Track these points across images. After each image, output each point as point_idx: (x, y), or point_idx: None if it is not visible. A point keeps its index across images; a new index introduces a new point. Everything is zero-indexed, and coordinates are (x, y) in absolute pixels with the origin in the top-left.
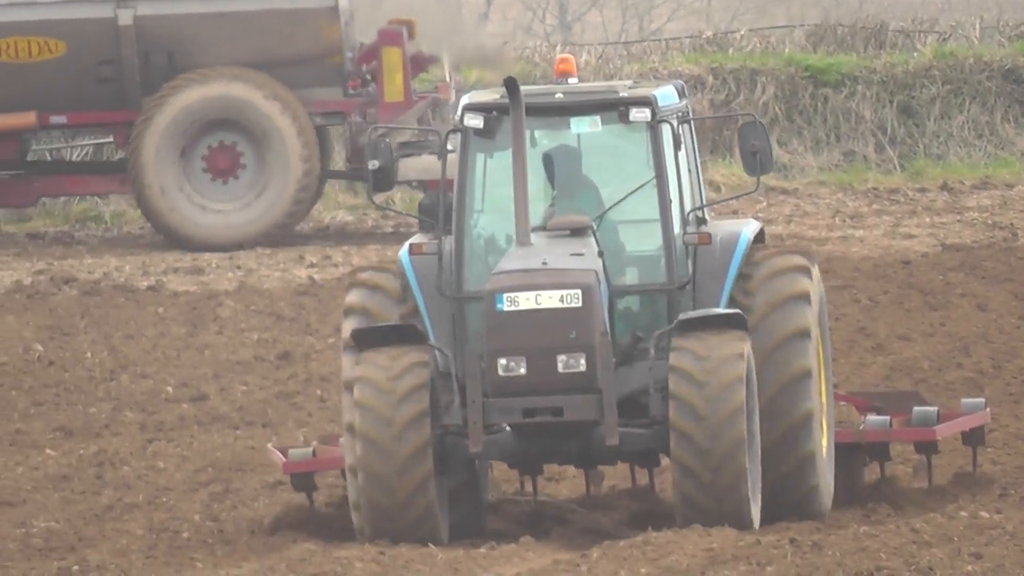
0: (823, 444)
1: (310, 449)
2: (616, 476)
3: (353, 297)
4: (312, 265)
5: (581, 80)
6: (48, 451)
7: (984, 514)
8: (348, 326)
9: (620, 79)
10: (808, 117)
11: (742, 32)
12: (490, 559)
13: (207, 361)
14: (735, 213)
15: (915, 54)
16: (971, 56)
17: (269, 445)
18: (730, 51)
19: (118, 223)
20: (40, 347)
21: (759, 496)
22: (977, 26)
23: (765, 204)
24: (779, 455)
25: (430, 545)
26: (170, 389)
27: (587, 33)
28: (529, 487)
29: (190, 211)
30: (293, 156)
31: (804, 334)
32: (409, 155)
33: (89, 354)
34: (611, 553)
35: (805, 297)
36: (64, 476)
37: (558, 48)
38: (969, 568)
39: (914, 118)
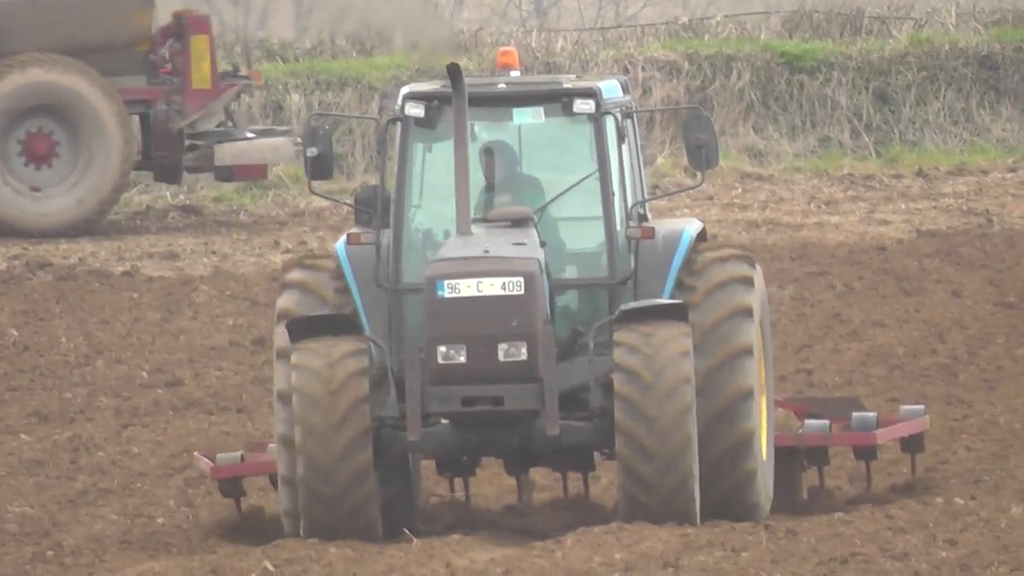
0: (763, 458)
1: (238, 454)
2: (548, 485)
3: (284, 301)
4: (288, 251)
5: (557, 66)
6: (23, 436)
7: (959, 500)
8: (280, 334)
9: (596, 65)
10: (784, 103)
11: (718, 18)
12: (464, 545)
13: (182, 346)
14: (710, 199)
15: (891, 40)
16: (947, 43)
17: (196, 453)
18: (706, 37)
19: None
20: (15, 332)
21: (698, 487)
22: (953, 13)
23: (740, 190)
24: (720, 472)
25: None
26: (145, 374)
27: (563, 19)
28: (458, 492)
29: (7, 196)
30: (114, 145)
31: (746, 351)
32: (223, 141)
33: (64, 339)
34: (585, 539)
35: (747, 311)
36: (38, 461)
37: (533, 34)
38: (944, 554)
39: (890, 104)
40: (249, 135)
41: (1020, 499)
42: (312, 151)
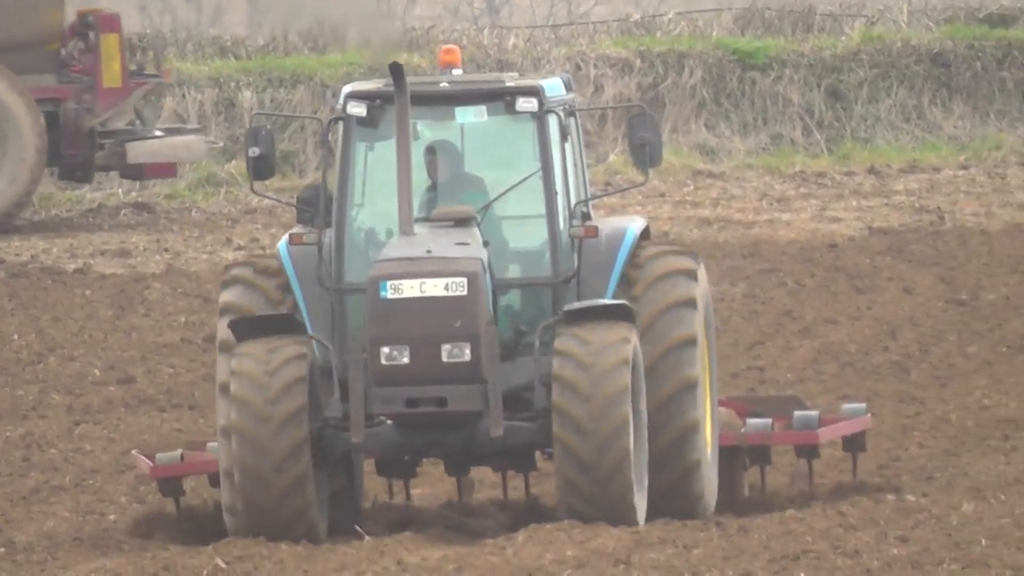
0: (708, 452)
1: (178, 453)
2: (489, 485)
3: (228, 295)
4: (240, 248)
5: (509, 64)
6: None
7: (910, 497)
8: (223, 327)
9: (548, 62)
10: (736, 100)
11: (670, 15)
12: (416, 543)
13: (134, 344)
14: (662, 196)
15: (843, 38)
16: (899, 40)
17: (134, 452)
18: (658, 34)
19: (45, 206)
20: None
21: (645, 491)
22: (905, 10)
23: (692, 187)
24: (664, 463)
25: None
26: (97, 371)
27: (515, 16)
28: (398, 494)
29: None
30: (27, 144)
31: (691, 341)
32: (134, 139)
33: (16, 336)
34: (537, 536)
35: (691, 302)
36: None
37: (486, 31)
38: (895, 551)
39: (842, 102)
40: (158, 133)
41: (971, 496)
42: (254, 151)
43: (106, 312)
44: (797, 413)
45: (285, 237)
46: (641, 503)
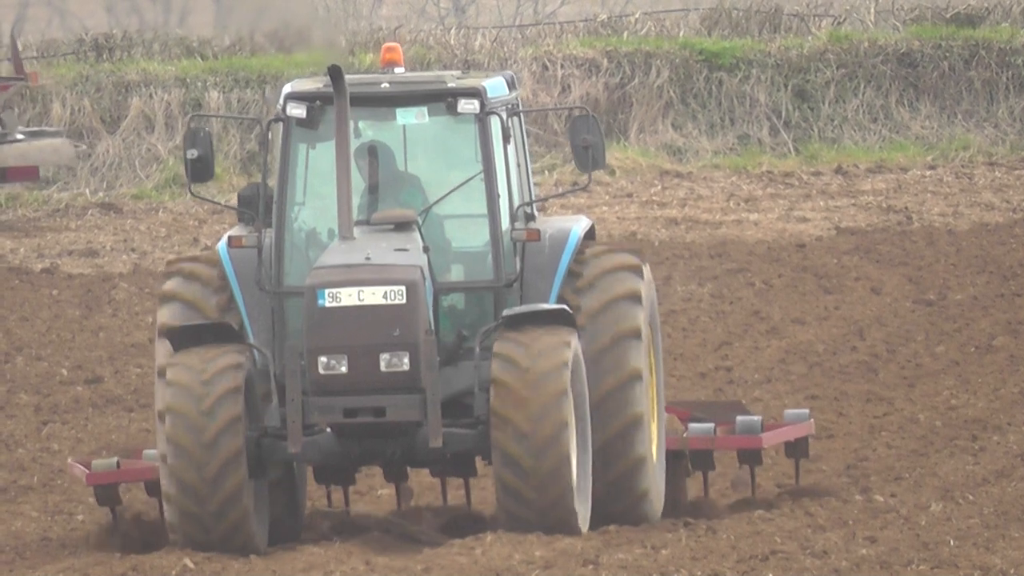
0: (653, 450)
1: (114, 460)
2: (428, 492)
3: (170, 285)
4: (207, 247)
5: (476, 64)
6: None
7: (879, 498)
8: (164, 313)
9: (515, 62)
10: (703, 101)
11: (637, 15)
12: (383, 545)
13: (102, 343)
14: (629, 196)
15: (810, 38)
16: (866, 40)
17: (70, 460)
18: (625, 35)
19: (12, 205)
20: None
21: (588, 498)
22: (872, 10)
23: (660, 188)
24: (609, 458)
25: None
26: (65, 371)
27: (482, 16)
28: (337, 500)
29: None
30: None
31: (635, 334)
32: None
33: None
34: (505, 536)
35: (636, 297)
36: None
37: (452, 31)
38: (864, 552)
39: (809, 102)
40: (20, 137)
41: (940, 496)
42: (192, 153)
43: (73, 312)
44: (740, 418)
45: (224, 238)
46: (583, 509)
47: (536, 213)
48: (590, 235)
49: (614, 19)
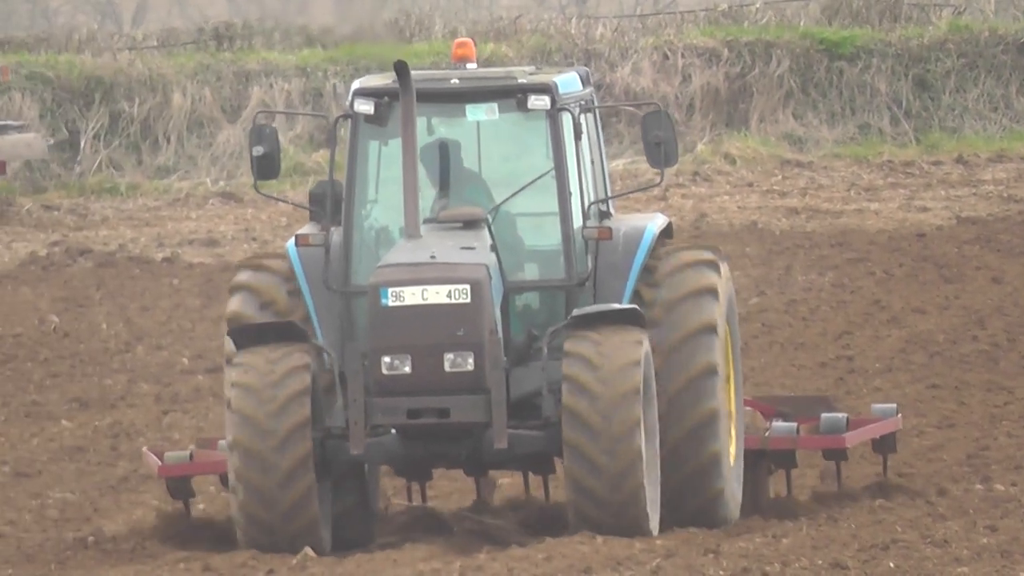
0: (730, 448)
1: (187, 452)
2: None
3: (235, 305)
4: None
5: (596, 53)
6: (64, 422)
7: (999, 487)
8: (234, 303)
9: (635, 52)
10: (823, 90)
11: (757, 5)
12: (456, 544)
13: (222, 333)
14: (750, 186)
15: (930, 27)
16: (986, 29)
17: (144, 449)
18: (745, 24)
19: (133, 195)
20: (55, 319)
21: (658, 500)
22: (992, 0)
23: (780, 177)
24: (682, 455)
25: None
26: (185, 360)
27: (602, 6)
28: (416, 495)
29: None
30: None
31: (711, 329)
32: None
33: (104, 325)
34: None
35: (712, 291)
36: (79, 447)
37: (573, 21)
38: (984, 541)
39: (929, 91)
40: None
41: None
42: (258, 150)
43: (194, 301)
44: (824, 415)
45: (293, 238)
46: (653, 511)
47: (612, 211)
48: (667, 233)
49: (735, 8)
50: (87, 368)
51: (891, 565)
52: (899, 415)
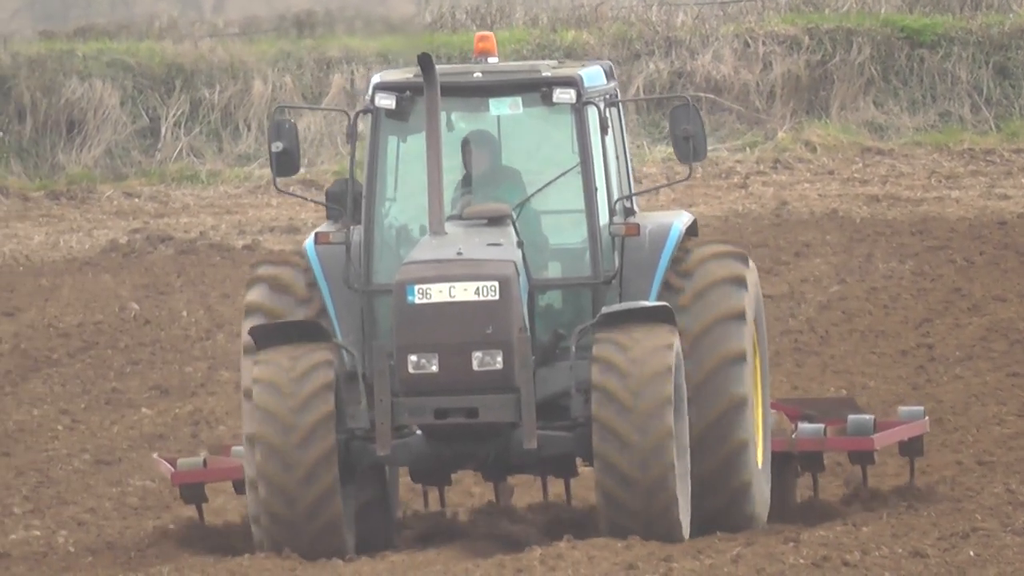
0: (758, 440)
1: (200, 459)
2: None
3: (254, 295)
4: None
5: (677, 41)
6: (144, 410)
7: None
8: (248, 326)
9: (716, 40)
10: (904, 78)
11: None
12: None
13: None
14: (831, 174)
15: (1011, 15)
16: None
17: (155, 455)
18: (826, 11)
19: (214, 182)
20: (136, 306)
21: (689, 505)
22: None
23: (861, 165)
24: (709, 443)
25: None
26: None
27: None
28: (434, 501)
29: None
30: None
31: (739, 316)
32: None
33: (185, 313)
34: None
35: (740, 280)
36: (160, 435)
37: (654, 8)
38: None
39: (1010, 79)
40: None
41: None
42: (277, 146)
43: None
44: (851, 417)
45: (311, 236)
46: (685, 518)
47: (636, 208)
48: (692, 231)
49: None
50: (167, 356)
51: (971, 553)
52: (926, 418)
